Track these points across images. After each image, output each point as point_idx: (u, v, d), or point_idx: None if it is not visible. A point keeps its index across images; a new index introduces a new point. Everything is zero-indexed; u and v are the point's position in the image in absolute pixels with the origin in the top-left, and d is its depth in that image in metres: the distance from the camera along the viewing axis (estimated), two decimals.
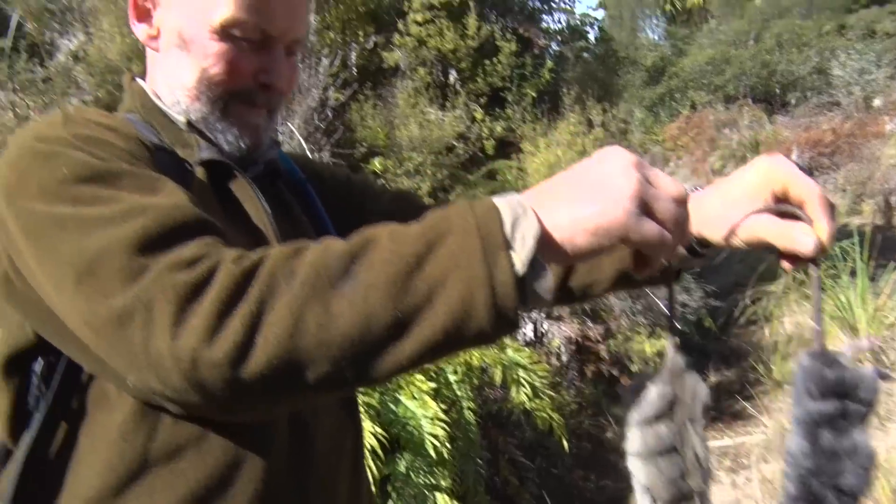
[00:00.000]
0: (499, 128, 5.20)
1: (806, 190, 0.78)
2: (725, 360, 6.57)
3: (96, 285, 0.70)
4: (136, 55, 5.02)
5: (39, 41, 5.20)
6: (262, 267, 0.67)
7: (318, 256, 0.67)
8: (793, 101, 17.28)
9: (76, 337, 0.77)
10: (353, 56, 5.34)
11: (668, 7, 26.82)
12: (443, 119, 4.95)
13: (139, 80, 1.04)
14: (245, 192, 0.97)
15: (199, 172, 0.94)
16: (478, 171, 5.12)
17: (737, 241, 0.83)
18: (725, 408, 5.67)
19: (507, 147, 5.57)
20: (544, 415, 4.01)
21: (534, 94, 5.45)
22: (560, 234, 0.66)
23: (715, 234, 0.86)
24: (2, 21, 6.86)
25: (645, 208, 0.66)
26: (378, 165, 4.21)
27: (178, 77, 0.97)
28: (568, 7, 7.44)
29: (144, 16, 0.99)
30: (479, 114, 5.11)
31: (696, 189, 0.92)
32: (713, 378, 6.20)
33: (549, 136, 5.15)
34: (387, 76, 5.58)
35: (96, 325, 0.70)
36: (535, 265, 0.65)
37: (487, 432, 4.00)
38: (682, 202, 0.69)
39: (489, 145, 5.03)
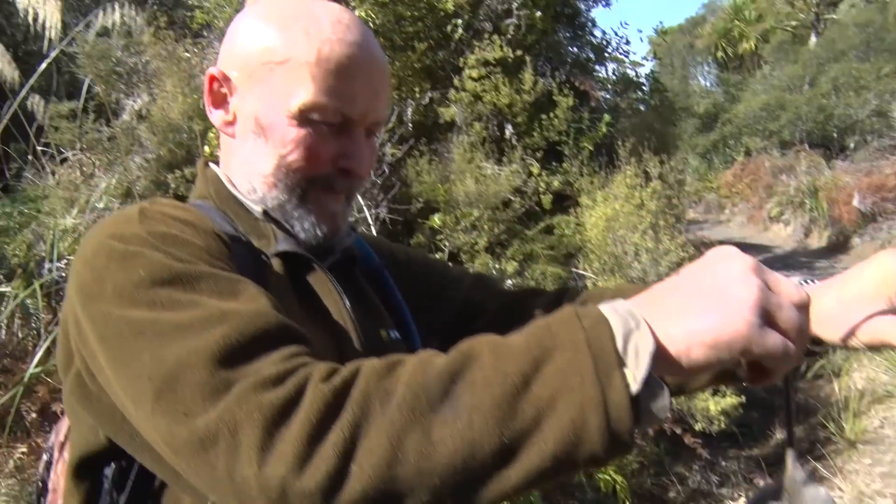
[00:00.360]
0: (556, 182, 5.17)
1: None
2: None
3: (176, 402, 0.65)
4: (197, 114, 5.16)
5: (106, 102, 5.38)
6: (355, 387, 0.62)
7: (415, 375, 0.62)
8: (852, 146, 16.91)
9: (151, 446, 0.73)
10: (409, 112, 5.39)
11: (719, 54, 26.73)
12: (499, 173, 4.94)
13: (213, 166, 1.02)
14: (324, 285, 0.94)
15: (276, 264, 0.91)
16: (535, 225, 5.07)
17: (856, 343, 0.77)
18: None
19: (563, 200, 5.52)
20: (607, 477, 3.90)
21: (590, 148, 5.41)
22: (675, 348, 0.60)
23: (831, 335, 0.79)
24: (73, 84, 7.16)
25: (767, 318, 0.60)
26: (437, 221, 4.20)
27: (254, 164, 0.94)
28: (619, 56, 7.44)
29: (220, 102, 0.97)
30: (535, 168, 5.09)
31: (807, 283, 0.86)
32: (779, 435, 5.97)
33: (606, 189, 5.10)
34: (442, 131, 5.62)
35: (176, 446, 0.66)
36: (650, 382, 0.59)
37: (548, 495, 3.90)
38: (804, 309, 0.63)
39: (546, 200, 4.99)
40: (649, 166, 5.24)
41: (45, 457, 1.03)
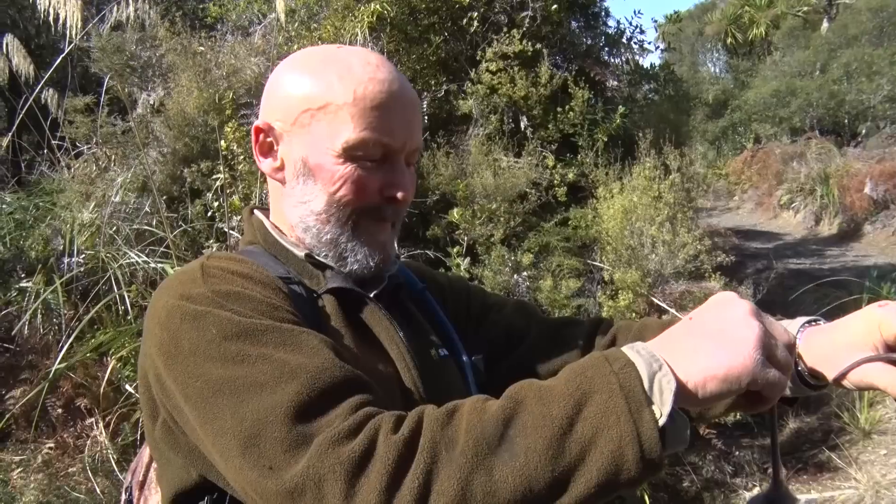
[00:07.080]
0: (571, 174, 5.17)
1: None
2: (805, 405, 6.30)
3: (261, 457, 0.74)
4: (213, 108, 5.16)
5: (123, 96, 5.40)
6: (422, 436, 0.71)
7: (473, 422, 0.72)
8: (864, 132, 16.79)
9: None
10: (425, 104, 5.39)
11: (729, 40, 26.52)
12: (516, 166, 4.94)
13: (258, 213, 1.11)
14: (375, 316, 1.02)
15: (328, 300, 1.00)
16: (551, 217, 5.08)
17: (847, 384, 0.89)
18: (809, 458, 5.45)
19: (578, 192, 5.52)
20: None
21: (605, 139, 5.41)
22: (693, 383, 0.71)
23: (827, 373, 0.92)
24: (86, 77, 7.16)
25: (767, 355, 0.72)
26: (456, 216, 4.22)
27: (307, 204, 1.02)
28: (634, 45, 7.38)
29: (268, 151, 1.06)
30: (550, 160, 5.09)
31: (813, 323, 0.97)
32: (793, 424, 5.97)
33: (623, 180, 5.09)
34: (457, 123, 5.62)
35: (266, 497, 0.74)
36: (673, 414, 0.70)
37: None
38: (792, 348, 0.77)
39: (561, 192, 5.00)
40: (668, 158, 5.23)
41: (124, 495, 1.13)
